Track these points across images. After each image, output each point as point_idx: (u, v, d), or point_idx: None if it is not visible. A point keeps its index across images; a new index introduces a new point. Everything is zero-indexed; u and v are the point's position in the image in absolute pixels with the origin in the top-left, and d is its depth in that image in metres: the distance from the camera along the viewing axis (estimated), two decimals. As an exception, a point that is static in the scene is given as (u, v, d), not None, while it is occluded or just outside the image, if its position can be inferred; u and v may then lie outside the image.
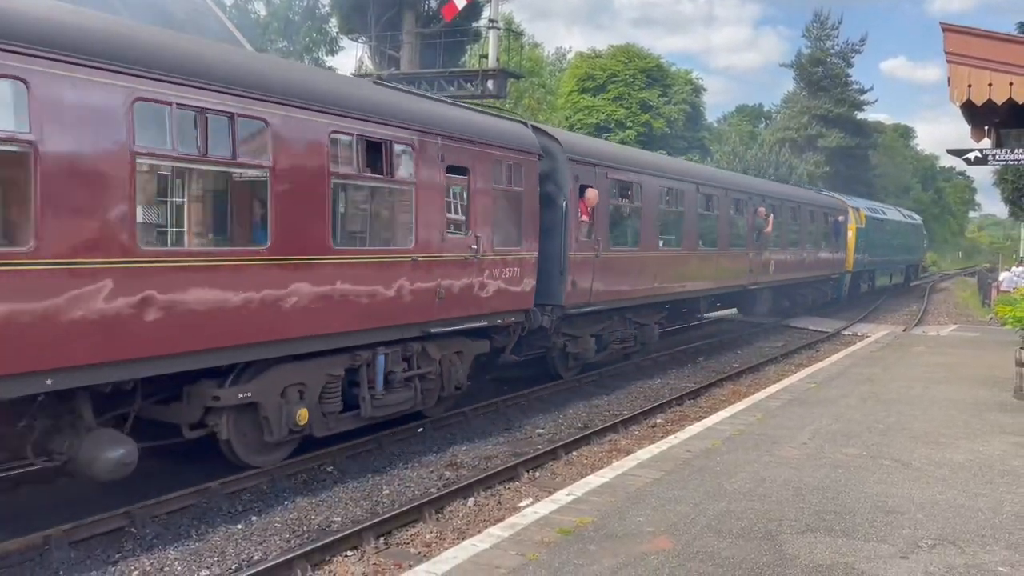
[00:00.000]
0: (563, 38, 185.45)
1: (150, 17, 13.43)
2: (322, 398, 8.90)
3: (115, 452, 6.96)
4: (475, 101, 22.96)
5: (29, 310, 6.05)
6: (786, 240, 23.81)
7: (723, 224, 19.29)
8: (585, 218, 13.33)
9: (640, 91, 43.23)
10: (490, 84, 21.26)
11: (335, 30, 37.15)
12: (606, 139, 34.58)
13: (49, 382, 6.29)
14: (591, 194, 13.35)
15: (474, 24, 27.29)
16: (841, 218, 29.41)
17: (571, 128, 40.33)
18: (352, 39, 28.15)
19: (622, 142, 36.82)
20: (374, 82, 11.13)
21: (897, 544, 5.99)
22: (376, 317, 9.24)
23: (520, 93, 47.12)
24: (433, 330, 10.23)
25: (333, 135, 8.53)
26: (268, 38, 36.58)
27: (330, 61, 39.18)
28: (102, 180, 6.51)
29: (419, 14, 26.18)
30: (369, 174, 9.17)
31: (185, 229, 7.82)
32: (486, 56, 22.23)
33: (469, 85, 21.57)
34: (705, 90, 49.43)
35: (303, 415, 8.52)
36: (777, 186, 26.83)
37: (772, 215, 22.04)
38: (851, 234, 30.03)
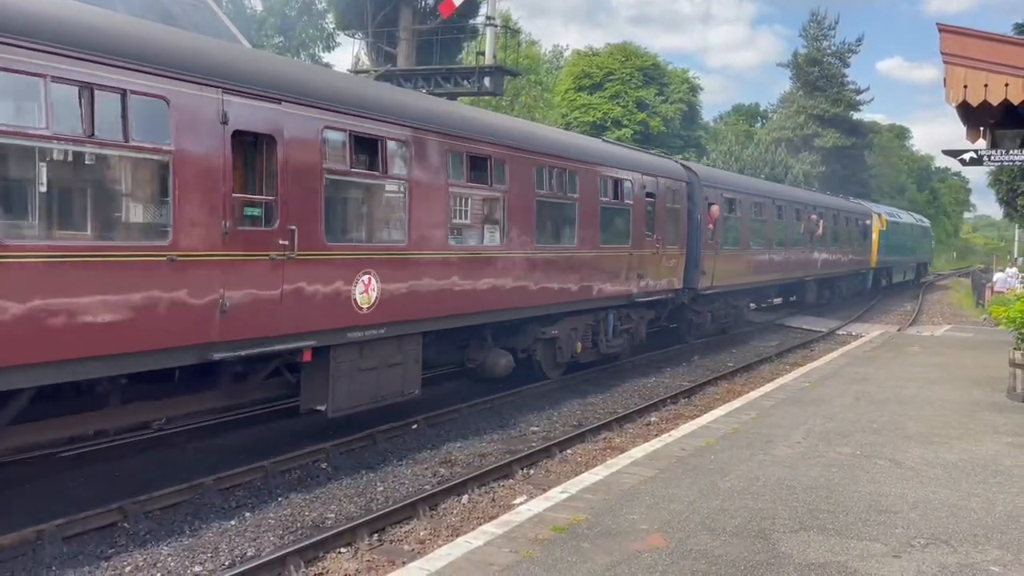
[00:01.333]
0: (560, 35, 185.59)
1: (148, 13, 13.38)
2: (582, 338, 14.26)
3: (505, 359, 12.46)
4: (472, 98, 22.94)
5: (503, 278, 11.54)
6: (829, 241, 28.57)
7: (789, 229, 24.45)
8: (710, 226, 18.35)
9: (637, 89, 43.19)
10: (487, 81, 21.21)
11: (331, 26, 37.09)
12: (603, 138, 34.67)
13: (499, 319, 11.88)
14: (714, 209, 18.52)
15: (471, 21, 27.24)
16: (868, 222, 34.02)
17: (567, 126, 40.33)
18: (349, 35, 28.08)
19: (618, 140, 36.82)
20: (603, 140, 17.75)
21: (890, 543, 6.01)
22: (609, 290, 14.52)
23: (517, 90, 47.07)
24: (636, 300, 15.61)
25: (601, 179, 14.22)
26: (264, 34, 36.50)
27: (326, 57, 39.12)
28: (528, 208, 12.10)
29: (416, 10, 26.12)
30: (613, 200, 14.57)
31: (549, 233, 12.82)
32: (483, 53, 22.18)
33: (466, 82, 21.53)
34: (702, 89, 49.36)
35: (579, 347, 14.17)
36: (824, 197, 31.32)
37: (822, 220, 27.13)
38: (875, 236, 34.73)
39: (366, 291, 9.03)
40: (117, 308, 6.67)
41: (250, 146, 7.90)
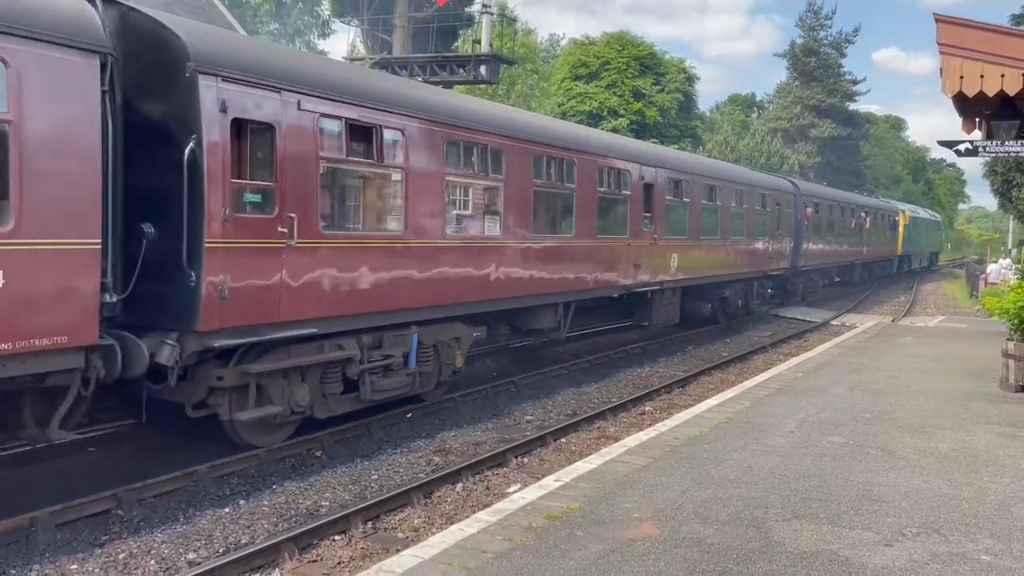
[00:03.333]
0: (556, 24, 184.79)
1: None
2: (740, 298, 22.23)
3: (707, 306, 20.43)
4: (468, 87, 22.85)
5: (719, 255, 20.15)
6: (871, 233, 36.75)
7: (847, 226, 33.09)
8: (805, 223, 26.55)
9: (633, 79, 42.98)
10: (483, 70, 21.14)
11: (327, 13, 36.90)
12: (600, 127, 34.68)
13: (706, 283, 19.81)
14: (808, 211, 26.91)
15: (467, 9, 27.14)
16: (896, 218, 42.49)
17: (563, 115, 40.15)
18: (344, 22, 27.94)
19: (614, 130, 36.72)
20: (751, 169, 28.10)
21: (882, 532, 6.04)
22: (755, 267, 22.41)
23: (513, 79, 46.88)
24: (768, 274, 23.87)
25: (758, 195, 22.32)
26: (259, 20, 36.29)
27: (322, 44, 38.95)
28: (728, 214, 20.49)
29: (412, -2, 25.95)
30: (762, 208, 22.50)
31: (736, 230, 20.84)
32: (479, 41, 22.11)
33: (462, 71, 21.45)
34: (698, 79, 49.05)
35: (740, 303, 22.17)
36: (868, 199, 40.19)
37: (869, 217, 35.93)
38: (901, 229, 43.11)
39: (674, 261, 17.20)
40: (613, 271, 14.81)
41: (646, 188, 15.96)
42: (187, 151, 7.22)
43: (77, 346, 6.55)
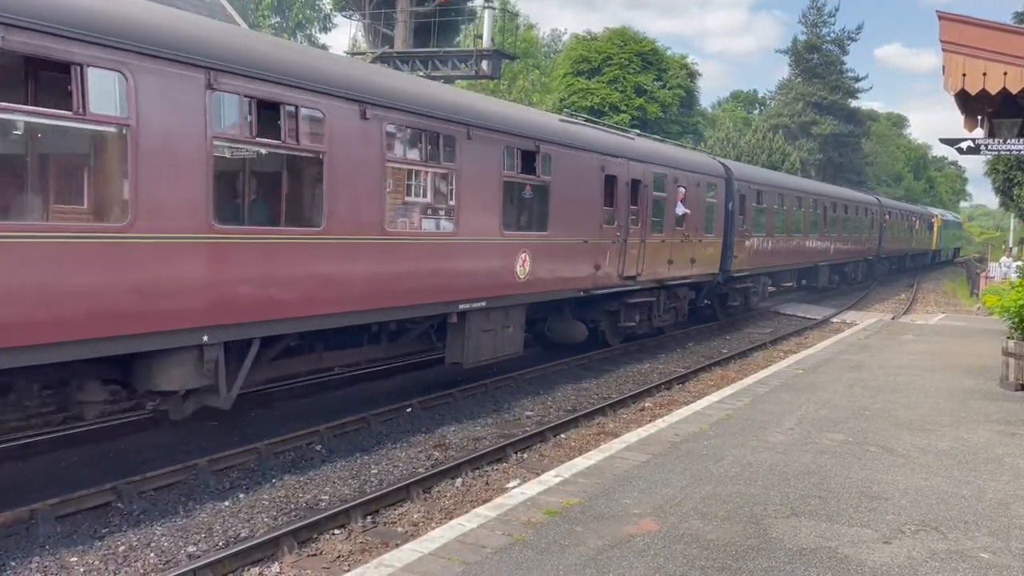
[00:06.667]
0: (556, 19, 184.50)
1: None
2: (853, 272, 36.21)
3: (827, 281, 32.48)
4: (469, 81, 22.84)
5: (834, 246, 32.13)
6: (918, 233, 49.03)
7: (904, 227, 45.03)
8: (884, 225, 38.76)
9: (635, 75, 42.97)
10: (484, 65, 21.15)
11: (328, 7, 36.83)
12: (602, 122, 34.64)
13: (833, 263, 32.94)
14: (886, 217, 39.49)
15: (469, 3, 27.10)
16: (932, 220, 54.17)
17: (563, 110, 40.10)
18: (345, 16, 27.90)
19: (615, 125, 36.67)
20: (844, 188, 41.45)
21: (880, 529, 6.05)
22: (861, 254, 35.82)
23: (514, 74, 46.82)
24: (865, 258, 37.10)
25: (851, 207, 34.21)
26: (260, 14, 36.23)
27: (323, 38, 38.89)
28: (829, 216, 31.24)
29: (414, -8, 25.90)
30: (865, 216, 36.69)
31: (841, 229, 32.68)
32: (481, 36, 22.10)
33: (463, 65, 21.46)
34: (700, 75, 49.05)
35: (853, 276, 35.60)
36: (916, 207, 54.04)
37: (917, 221, 48.34)
38: (935, 230, 54.69)
39: (831, 250, 30.29)
40: (810, 253, 28.01)
41: (824, 209, 29.26)
42: (728, 206, 19.40)
43: (714, 272, 19.28)
